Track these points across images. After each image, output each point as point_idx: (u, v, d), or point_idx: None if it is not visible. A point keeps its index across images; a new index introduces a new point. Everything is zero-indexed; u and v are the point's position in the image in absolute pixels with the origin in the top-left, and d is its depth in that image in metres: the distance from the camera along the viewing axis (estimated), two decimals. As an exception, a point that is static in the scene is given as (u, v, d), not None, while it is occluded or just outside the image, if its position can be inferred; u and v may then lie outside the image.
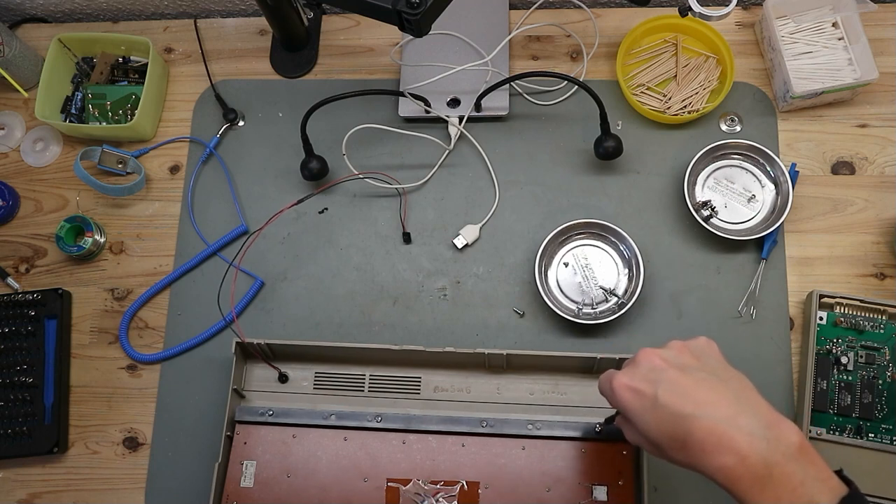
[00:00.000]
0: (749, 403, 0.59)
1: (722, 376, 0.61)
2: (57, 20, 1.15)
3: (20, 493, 0.91)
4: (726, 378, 0.61)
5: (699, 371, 0.61)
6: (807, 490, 0.54)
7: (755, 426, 0.57)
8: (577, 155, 0.97)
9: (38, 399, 0.91)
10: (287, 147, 1.00)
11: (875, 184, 0.93)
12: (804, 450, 0.56)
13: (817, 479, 0.55)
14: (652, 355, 0.64)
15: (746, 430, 0.57)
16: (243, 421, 0.85)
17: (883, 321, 0.85)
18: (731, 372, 0.62)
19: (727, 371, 0.62)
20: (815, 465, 0.56)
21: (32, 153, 1.04)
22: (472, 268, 0.94)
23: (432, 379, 0.87)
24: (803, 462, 0.55)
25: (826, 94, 0.92)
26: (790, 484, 0.55)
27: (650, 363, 0.63)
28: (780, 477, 0.55)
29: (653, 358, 0.63)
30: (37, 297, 0.94)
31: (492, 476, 0.81)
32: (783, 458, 0.55)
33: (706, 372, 0.61)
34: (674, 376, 0.61)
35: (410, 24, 0.73)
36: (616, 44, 0.99)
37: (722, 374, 0.62)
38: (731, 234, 0.90)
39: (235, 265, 0.95)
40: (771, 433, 0.56)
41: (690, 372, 0.61)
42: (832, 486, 0.55)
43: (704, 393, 0.59)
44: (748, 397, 0.60)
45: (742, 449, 0.56)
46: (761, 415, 0.58)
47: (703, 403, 0.59)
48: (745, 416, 0.57)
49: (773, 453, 0.55)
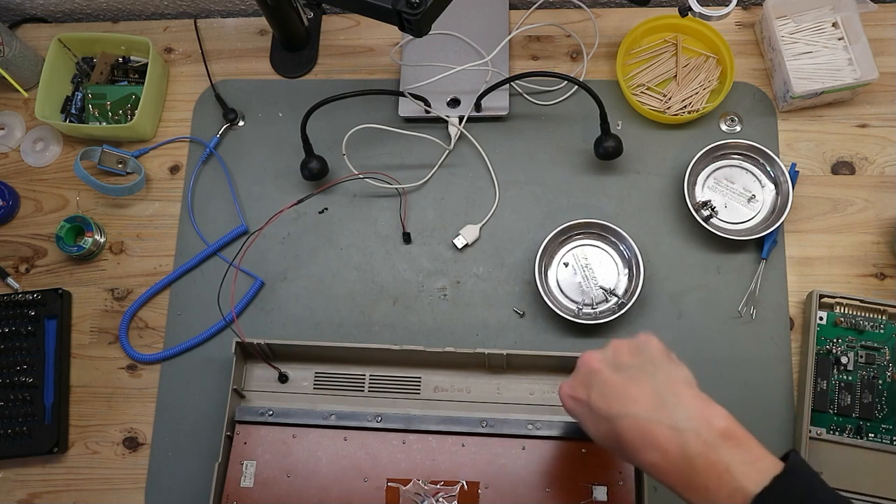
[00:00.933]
0: (673, 395, 0.59)
1: (650, 370, 0.61)
2: (57, 20, 1.15)
3: (20, 493, 0.91)
4: (655, 372, 0.61)
5: (633, 368, 0.62)
6: (732, 476, 0.54)
7: (677, 418, 0.57)
8: (577, 155, 0.97)
9: (38, 399, 0.91)
10: (287, 147, 1.00)
11: (875, 184, 0.93)
12: (730, 434, 0.55)
13: (744, 462, 0.54)
14: (590, 359, 0.65)
15: (667, 424, 0.57)
16: (243, 421, 0.85)
17: (883, 321, 0.85)
18: (665, 365, 0.62)
19: (662, 364, 0.62)
20: (743, 448, 0.55)
21: (32, 153, 1.04)
22: (472, 268, 0.94)
23: (432, 379, 0.87)
24: (729, 447, 0.55)
25: (826, 94, 0.92)
26: (715, 472, 0.54)
27: (588, 367, 0.64)
28: (703, 466, 0.55)
29: (591, 361, 0.65)
30: (37, 297, 0.94)
31: (492, 476, 0.81)
32: (705, 446, 0.55)
33: (639, 368, 0.62)
34: (606, 378, 0.62)
35: (410, 24, 0.73)
36: (616, 44, 0.99)
37: (655, 368, 0.61)
38: (731, 234, 0.90)
39: (235, 265, 0.95)
40: (693, 423, 0.56)
41: (623, 371, 0.62)
42: (762, 467, 0.54)
43: (630, 390, 0.60)
44: (674, 389, 0.59)
45: (662, 444, 0.56)
46: (684, 405, 0.58)
47: (628, 402, 0.59)
48: (665, 409, 0.58)
49: (695, 443, 0.55)
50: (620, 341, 0.65)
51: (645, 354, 0.63)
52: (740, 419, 0.84)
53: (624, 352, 0.64)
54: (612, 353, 0.64)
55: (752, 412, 0.85)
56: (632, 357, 0.63)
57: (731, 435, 0.56)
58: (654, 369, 0.61)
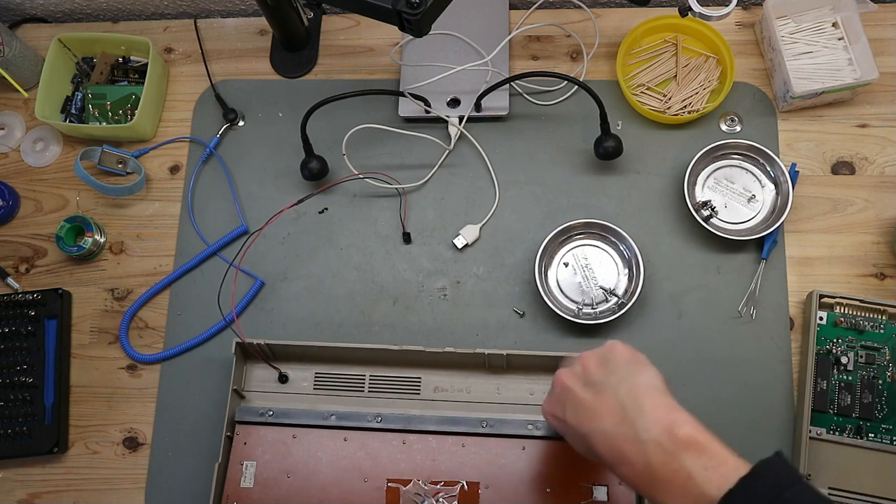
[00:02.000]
0: (635, 406, 0.59)
1: (614, 382, 0.62)
2: (57, 20, 1.15)
3: (20, 493, 0.91)
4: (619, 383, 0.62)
5: (600, 383, 0.63)
6: (695, 482, 0.54)
7: (639, 429, 0.58)
8: (577, 155, 0.97)
9: (38, 399, 0.91)
10: (287, 147, 1.00)
11: (875, 184, 0.93)
12: (691, 441, 0.56)
13: (706, 468, 0.55)
14: (562, 377, 0.66)
15: (630, 437, 0.58)
16: (243, 421, 0.85)
17: (883, 321, 0.85)
18: (628, 373, 0.63)
19: (626, 373, 0.63)
20: (705, 453, 0.55)
21: (32, 153, 1.04)
22: (472, 268, 0.94)
23: (432, 379, 0.87)
24: (691, 454, 0.55)
25: (826, 94, 0.92)
26: (678, 479, 0.55)
27: (561, 385, 0.66)
28: (666, 475, 0.56)
29: (563, 379, 0.66)
30: (37, 297, 0.94)
31: (492, 476, 0.81)
32: (667, 455, 0.56)
33: (604, 382, 0.63)
34: (576, 395, 0.64)
35: (410, 24, 0.73)
36: (616, 44, 0.99)
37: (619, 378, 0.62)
38: (731, 234, 0.90)
39: (235, 265, 0.95)
40: (653, 433, 0.57)
41: (592, 386, 0.63)
42: (724, 471, 0.54)
43: (597, 406, 0.61)
44: (636, 400, 0.60)
45: (628, 457, 0.58)
46: (645, 416, 0.58)
47: (595, 418, 0.61)
48: (627, 422, 0.59)
49: (656, 453, 0.56)
50: (588, 354, 0.66)
51: (610, 364, 0.64)
52: (740, 419, 0.85)
53: (591, 365, 0.65)
54: (580, 369, 0.66)
55: (752, 412, 0.86)
56: (598, 369, 0.64)
57: (692, 442, 0.56)
58: (618, 380, 0.62)
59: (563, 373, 0.67)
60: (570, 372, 0.66)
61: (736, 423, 0.85)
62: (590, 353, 0.66)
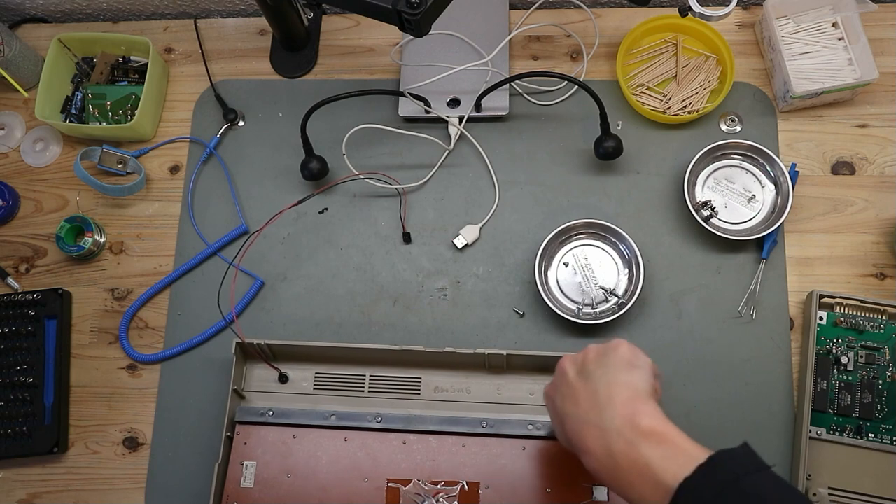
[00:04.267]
0: (607, 397, 0.61)
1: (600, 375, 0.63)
2: (57, 20, 1.15)
3: (20, 493, 0.91)
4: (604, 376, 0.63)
5: (592, 374, 0.64)
6: (653, 471, 0.56)
7: (605, 418, 0.60)
8: (577, 155, 0.97)
9: (38, 399, 0.91)
10: (287, 147, 1.00)
11: (875, 184, 0.93)
12: (652, 432, 0.57)
13: (664, 457, 0.56)
14: (564, 361, 0.69)
15: (595, 424, 0.60)
16: (243, 421, 0.85)
17: (883, 321, 0.85)
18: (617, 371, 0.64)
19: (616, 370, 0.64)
20: (665, 444, 0.57)
21: (32, 153, 1.04)
22: (472, 268, 0.94)
23: (432, 379, 0.87)
24: (650, 444, 0.57)
25: (826, 94, 0.92)
26: (636, 468, 0.57)
27: (561, 370, 0.68)
28: (625, 464, 0.57)
29: (563, 363, 0.68)
30: (37, 297, 0.94)
31: (492, 476, 0.81)
32: (627, 445, 0.57)
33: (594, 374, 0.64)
34: (569, 380, 0.66)
35: (410, 24, 0.73)
36: (616, 44, 0.99)
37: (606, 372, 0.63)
38: (731, 234, 0.90)
39: (235, 265, 0.95)
40: (616, 422, 0.59)
41: (584, 375, 0.65)
42: (682, 461, 0.55)
43: (579, 393, 0.63)
44: (610, 392, 0.61)
45: (590, 444, 0.60)
46: (613, 406, 0.60)
47: (573, 403, 0.63)
48: (596, 410, 0.61)
49: (617, 442, 0.58)
50: (594, 346, 0.68)
51: (607, 359, 0.65)
52: (740, 419, 0.85)
53: (591, 356, 0.66)
54: (581, 358, 0.67)
55: (752, 412, 0.86)
56: (595, 361, 0.66)
57: (652, 432, 0.57)
58: (605, 374, 0.64)
59: (565, 357, 0.69)
60: (572, 358, 0.68)
61: (736, 423, 0.85)
62: (595, 346, 0.68)
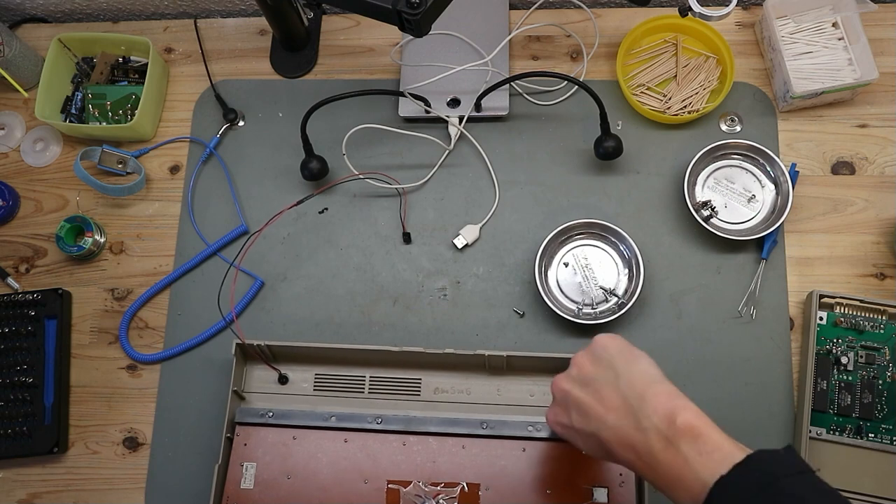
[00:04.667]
0: (637, 397, 0.61)
1: (612, 377, 0.64)
2: (57, 20, 1.15)
3: (20, 493, 0.91)
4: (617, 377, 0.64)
5: (597, 380, 0.65)
6: (691, 467, 0.57)
7: (641, 418, 0.60)
8: (577, 155, 0.97)
9: (38, 399, 0.91)
10: (287, 147, 1.00)
11: (875, 184, 0.93)
12: (689, 428, 0.58)
13: (702, 453, 0.57)
14: (560, 382, 0.68)
15: (634, 426, 0.60)
16: (243, 422, 0.85)
17: (883, 321, 0.85)
18: (624, 365, 0.64)
19: (621, 366, 0.64)
20: (702, 440, 0.57)
21: (32, 153, 1.04)
22: (472, 268, 0.94)
23: (432, 380, 0.87)
24: (688, 440, 0.58)
25: (826, 94, 0.92)
26: (676, 465, 0.57)
27: (560, 391, 0.68)
28: (665, 460, 0.58)
29: (561, 384, 0.68)
30: (37, 297, 0.94)
31: (492, 478, 0.81)
32: (666, 442, 0.58)
33: (602, 378, 0.64)
34: (577, 397, 0.65)
35: (410, 24, 0.73)
36: (616, 44, 0.99)
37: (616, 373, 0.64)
38: (731, 234, 0.90)
39: (236, 265, 0.94)
40: (654, 420, 0.59)
41: (590, 385, 0.65)
42: (720, 457, 0.56)
43: (599, 405, 0.63)
44: (636, 390, 0.62)
45: (634, 444, 0.60)
46: (648, 404, 0.61)
47: (601, 415, 0.63)
48: (632, 413, 0.61)
49: (657, 440, 0.59)
50: (581, 355, 0.68)
51: (603, 360, 0.66)
52: (740, 419, 0.85)
53: (586, 364, 0.67)
54: (576, 371, 0.67)
55: (752, 412, 0.86)
56: (593, 367, 0.66)
57: (690, 428, 0.58)
58: (615, 374, 0.64)
59: (559, 378, 0.69)
60: (567, 376, 0.68)
61: (736, 423, 0.85)
62: (582, 354, 0.68)
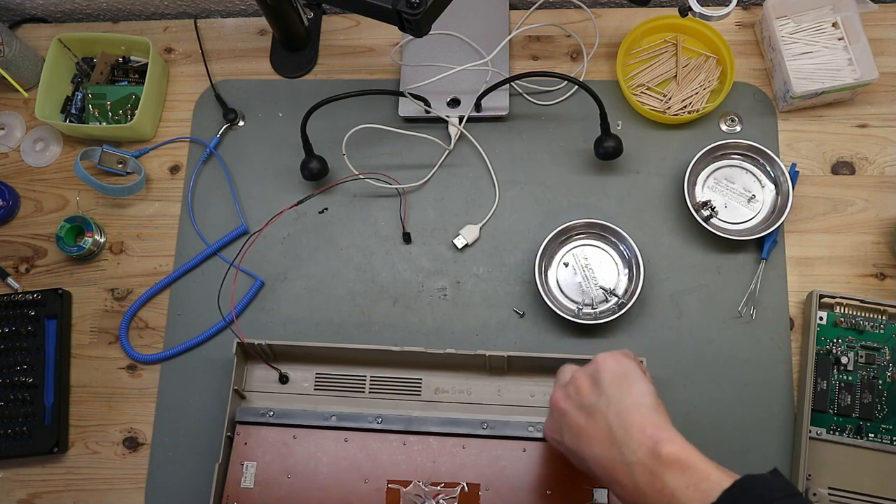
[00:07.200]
0: (622, 429, 0.61)
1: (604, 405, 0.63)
2: (57, 20, 1.15)
3: (20, 493, 0.91)
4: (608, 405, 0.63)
5: (592, 406, 0.64)
6: (678, 501, 0.56)
7: (626, 452, 0.60)
8: (577, 155, 0.97)
9: (38, 399, 0.91)
10: (287, 147, 1.00)
11: (875, 184, 0.93)
12: (674, 460, 0.58)
13: (688, 485, 0.56)
14: (558, 400, 0.68)
15: (618, 460, 0.60)
16: (244, 421, 0.85)
17: (883, 321, 0.85)
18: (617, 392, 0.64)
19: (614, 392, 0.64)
20: (688, 472, 0.57)
21: (32, 153, 1.04)
22: (472, 268, 0.94)
23: (433, 380, 0.87)
24: (674, 473, 0.57)
25: (826, 94, 0.92)
26: (663, 496, 0.57)
27: (558, 408, 0.68)
28: (652, 495, 0.58)
29: (559, 402, 0.68)
30: (37, 297, 0.94)
31: (492, 478, 0.81)
32: (651, 476, 0.58)
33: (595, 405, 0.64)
34: (571, 420, 0.65)
35: (410, 24, 0.73)
36: (616, 44, 0.99)
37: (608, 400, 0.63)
38: (731, 234, 0.90)
39: (236, 265, 0.94)
40: (639, 455, 0.59)
41: (585, 409, 0.65)
42: (707, 487, 0.56)
43: (590, 432, 0.63)
44: (623, 422, 0.62)
45: (619, 478, 0.60)
46: (632, 437, 0.60)
47: (590, 443, 0.63)
48: (616, 445, 0.61)
49: (642, 474, 0.58)
50: (580, 373, 0.68)
51: (601, 384, 0.65)
52: (740, 419, 0.85)
53: (585, 386, 0.66)
54: (574, 391, 0.67)
55: (752, 412, 0.86)
56: (590, 391, 0.66)
57: (675, 460, 0.58)
58: (608, 402, 0.64)
59: (558, 395, 0.68)
60: (565, 394, 0.68)
61: (736, 423, 0.86)
62: (582, 372, 0.68)
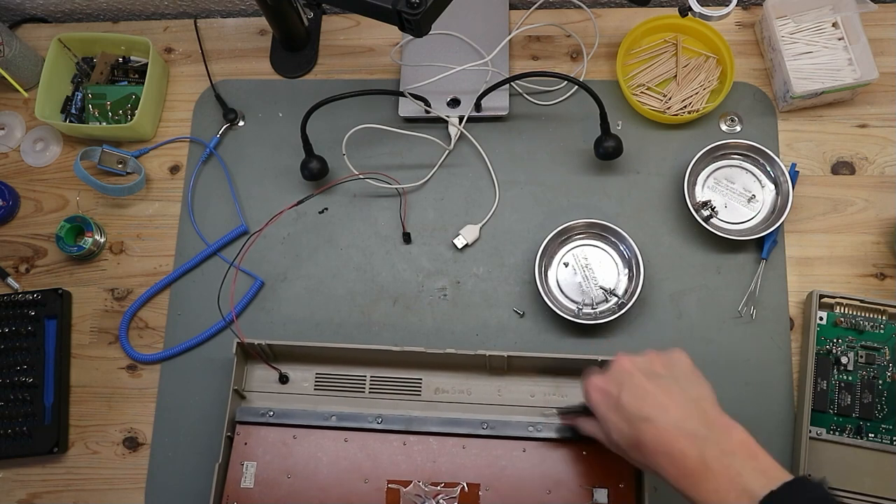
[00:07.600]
0: (699, 408, 0.64)
1: (683, 384, 0.66)
2: (57, 20, 1.15)
3: (20, 493, 0.91)
4: (687, 387, 0.66)
5: (665, 379, 0.67)
6: (743, 479, 0.58)
7: (698, 427, 0.62)
8: (577, 155, 0.97)
9: (38, 399, 0.91)
10: (287, 147, 1.00)
11: (875, 184, 0.93)
12: (746, 446, 0.61)
13: (756, 470, 0.59)
14: (624, 360, 0.70)
15: (689, 432, 0.62)
16: (244, 421, 0.85)
17: (883, 321, 0.85)
18: (695, 381, 0.67)
19: (692, 380, 0.67)
20: (757, 459, 0.60)
21: (32, 153, 1.04)
22: (472, 268, 0.94)
23: (433, 380, 0.87)
24: (743, 457, 0.60)
25: (826, 94, 0.92)
26: (728, 474, 0.59)
27: (621, 367, 0.69)
28: (718, 469, 0.60)
29: (624, 363, 0.69)
30: (37, 297, 0.94)
31: (492, 478, 0.81)
32: (721, 453, 0.60)
33: (671, 379, 0.67)
34: (638, 381, 0.67)
35: (410, 24, 0.73)
36: (616, 44, 0.99)
37: (687, 383, 0.67)
38: (731, 234, 0.90)
39: (236, 265, 0.94)
40: (713, 433, 0.62)
41: (655, 378, 0.67)
42: (772, 476, 0.58)
43: (662, 398, 0.65)
44: (701, 404, 0.65)
45: (682, 448, 0.61)
46: (708, 418, 0.63)
47: (657, 407, 0.64)
48: (691, 419, 0.63)
49: (712, 449, 0.61)
50: (654, 352, 0.70)
51: (675, 369, 0.68)
52: (740, 419, 0.83)
53: (657, 362, 0.69)
54: (645, 361, 0.69)
55: (752, 412, 0.86)
56: (664, 369, 0.68)
57: (748, 447, 0.61)
58: (686, 384, 0.67)
59: (626, 358, 0.70)
60: (635, 359, 0.69)
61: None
62: (655, 352, 0.70)
